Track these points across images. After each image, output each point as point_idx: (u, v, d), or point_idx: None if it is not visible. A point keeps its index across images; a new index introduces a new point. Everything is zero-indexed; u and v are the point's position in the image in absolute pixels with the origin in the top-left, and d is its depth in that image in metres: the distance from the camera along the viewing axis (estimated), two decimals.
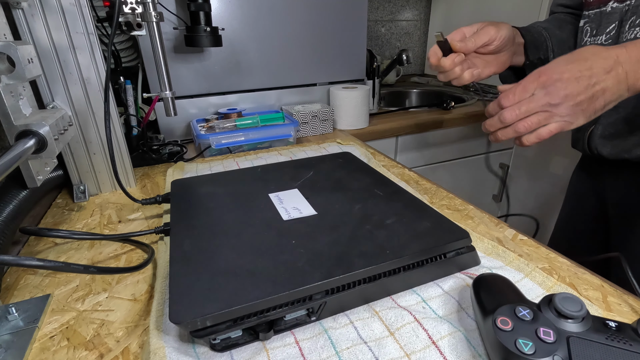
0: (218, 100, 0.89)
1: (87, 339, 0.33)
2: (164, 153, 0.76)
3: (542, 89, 0.44)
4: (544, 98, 0.44)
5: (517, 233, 0.46)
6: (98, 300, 0.38)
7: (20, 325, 0.34)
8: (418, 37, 1.70)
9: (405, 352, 0.29)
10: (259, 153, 0.75)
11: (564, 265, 0.40)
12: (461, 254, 0.38)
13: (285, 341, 0.31)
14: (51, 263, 0.32)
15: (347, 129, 0.96)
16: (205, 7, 0.75)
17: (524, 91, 0.45)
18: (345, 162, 0.59)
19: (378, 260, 0.34)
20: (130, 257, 0.45)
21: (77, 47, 0.53)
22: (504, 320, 0.27)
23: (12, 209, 0.46)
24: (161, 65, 0.58)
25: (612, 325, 0.26)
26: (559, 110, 0.43)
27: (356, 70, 1.03)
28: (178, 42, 0.81)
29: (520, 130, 0.46)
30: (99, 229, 0.51)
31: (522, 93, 0.46)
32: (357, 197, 0.46)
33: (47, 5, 0.49)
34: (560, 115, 0.44)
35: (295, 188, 0.49)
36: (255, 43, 0.88)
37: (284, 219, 0.42)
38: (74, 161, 0.58)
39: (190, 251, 0.36)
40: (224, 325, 0.29)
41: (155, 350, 0.30)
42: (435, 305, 0.34)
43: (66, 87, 0.54)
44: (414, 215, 0.42)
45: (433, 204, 0.54)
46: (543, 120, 0.45)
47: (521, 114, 0.46)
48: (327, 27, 0.94)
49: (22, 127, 0.42)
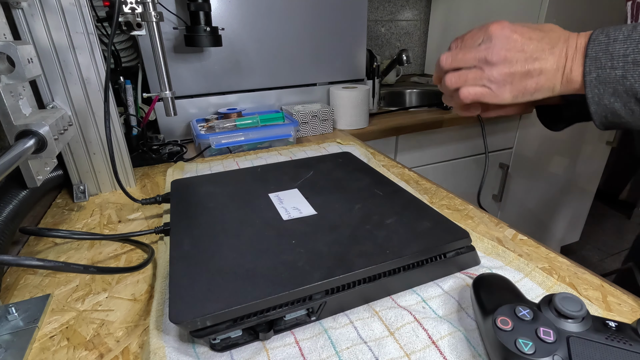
0: (218, 100, 0.89)
1: (87, 339, 0.33)
2: (163, 153, 0.76)
3: (487, 40, 0.42)
4: (483, 51, 0.41)
5: (517, 233, 0.46)
6: (98, 300, 0.38)
7: (20, 325, 0.34)
8: (418, 37, 1.70)
9: (405, 352, 0.29)
10: (259, 153, 0.75)
11: (564, 265, 0.40)
12: (461, 254, 0.38)
13: (285, 341, 0.31)
14: (51, 263, 0.32)
15: (347, 129, 0.96)
16: (205, 7, 0.75)
17: (472, 38, 0.43)
18: (345, 162, 0.59)
19: (378, 260, 0.34)
20: (130, 257, 0.45)
21: (77, 47, 0.53)
22: (504, 320, 0.27)
23: (12, 209, 0.46)
24: (161, 65, 0.58)
25: (612, 325, 0.26)
26: (490, 72, 0.41)
27: (356, 70, 1.03)
28: (178, 42, 0.81)
29: (450, 82, 0.44)
30: (99, 229, 0.51)
31: (469, 39, 0.43)
32: (357, 197, 0.46)
33: (47, 5, 0.49)
34: (489, 79, 0.41)
35: (295, 188, 0.49)
36: (255, 43, 0.88)
37: (284, 218, 0.42)
38: (73, 161, 0.58)
39: (190, 251, 0.36)
40: (224, 325, 0.29)
41: (155, 350, 0.30)
42: (435, 305, 0.34)
43: (66, 87, 0.54)
44: (414, 215, 0.42)
45: (433, 203, 0.54)
46: (471, 80, 0.42)
47: (455, 63, 0.44)
48: (327, 27, 0.94)
49: (22, 127, 0.42)
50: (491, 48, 0.41)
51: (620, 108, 0.38)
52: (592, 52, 0.39)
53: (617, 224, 2.12)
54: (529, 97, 0.41)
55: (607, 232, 2.06)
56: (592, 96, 0.39)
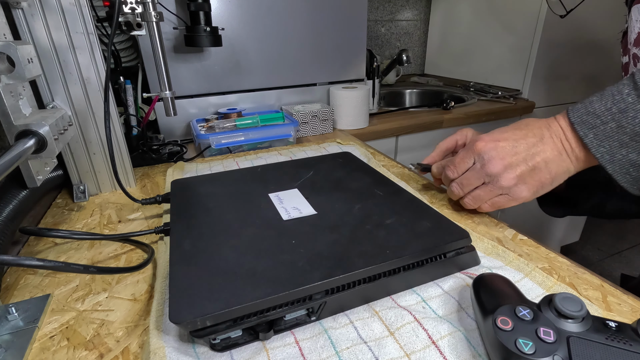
0: (218, 100, 0.89)
1: (87, 339, 0.33)
2: (163, 153, 0.76)
3: (480, 159, 0.43)
4: (482, 169, 0.43)
5: (517, 233, 0.46)
6: (98, 300, 0.38)
7: (20, 325, 0.34)
8: (418, 37, 1.70)
9: (405, 352, 0.29)
10: (259, 153, 0.75)
11: (564, 265, 0.40)
12: (461, 254, 0.38)
13: (285, 341, 0.31)
14: (51, 263, 0.32)
15: (347, 129, 0.96)
16: (205, 7, 0.75)
17: (462, 162, 0.45)
18: (345, 162, 0.59)
19: (378, 260, 0.34)
20: (130, 257, 0.45)
21: (77, 47, 0.53)
22: (504, 320, 0.27)
23: (12, 209, 0.46)
24: (161, 65, 0.58)
25: (612, 325, 0.26)
26: (500, 183, 0.42)
27: (356, 70, 1.03)
28: (178, 42, 0.81)
29: (469, 204, 0.46)
30: (99, 228, 0.51)
31: (461, 164, 0.45)
32: (357, 197, 0.46)
33: (47, 5, 0.49)
34: (501, 188, 0.42)
35: (295, 188, 0.49)
36: (255, 43, 0.88)
37: (284, 218, 0.42)
38: (73, 161, 0.58)
39: (190, 251, 0.36)
40: (224, 325, 0.29)
41: (155, 350, 0.29)
42: (435, 305, 0.34)
43: (66, 87, 0.54)
44: (414, 215, 0.42)
45: (433, 203, 0.54)
46: (487, 194, 0.44)
47: (465, 187, 0.45)
48: (327, 27, 0.94)
49: (22, 127, 0.42)
50: (488, 163, 0.42)
51: (637, 157, 0.37)
52: (576, 118, 0.39)
53: (617, 224, 2.12)
54: (550, 187, 0.42)
55: (607, 232, 2.06)
56: (602, 155, 0.38)
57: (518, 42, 1.28)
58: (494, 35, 1.37)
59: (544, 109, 1.32)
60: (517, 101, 1.25)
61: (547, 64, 1.27)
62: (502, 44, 1.34)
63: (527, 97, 1.29)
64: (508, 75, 1.34)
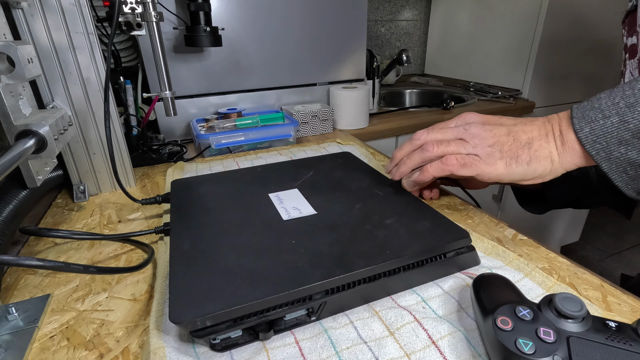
0: (218, 100, 0.89)
1: (87, 339, 0.33)
2: (163, 153, 0.76)
3: (463, 122, 0.42)
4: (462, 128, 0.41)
5: (517, 233, 0.46)
6: (98, 300, 0.38)
7: (20, 325, 0.34)
8: (418, 37, 1.70)
9: (405, 352, 0.29)
10: (259, 153, 0.75)
11: (564, 265, 0.40)
12: (461, 254, 0.38)
13: (285, 341, 0.31)
14: (51, 263, 0.32)
15: (347, 129, 0.96)
16: (205, 7, 0.75)
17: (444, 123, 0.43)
18: (345, 162, 0.59)
19: (378, 260, 0.34)
20: (130, 257, 0.45)
21: (77, 47, 0.52)
22: (504, 320, 0.27)
23: (12, 209, 0.46)
24: (161, 65, 0.58)
25: (612, 325, 0.26)
26: (474, 142, 0.40)
27: (356, 70, 1.03)
28: (178, 42, 0.81)
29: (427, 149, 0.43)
30: (99, 228, 0.51)
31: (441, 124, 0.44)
32: (357, 197, 0.46)
33: (47, 5, 0.49)
34: (474, 146, 0.40)
35: (295, 188, 0.49)
36: (255, 43, 0.88)
37: (284, 218, 0.42)
38: (73, 161, 0.58)
39: (190, 251, 0.36)
40: (224, 325, 0.29)
41: (155, 350, 0.30)
42: (435, 305, 0.34)
43: (66, 87, 0.54)
44: (414, 215, 0.42)
45: (433, 203, 0.54)
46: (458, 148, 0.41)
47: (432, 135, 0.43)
48: (327, 27, 0.94)
49: (22, 127, 0.42)
50: (470, 125, 0.41)
51: (638, 156, 0.34)
52: (577, 113, 0.36)
53: (617, 224, 2.12)
54: (525, 168, 0.38)
55: (607, 232, 2.06)
56: (597, 153, 0.35)
57: (518, 42, 1.28)
58: (494, 35, 1.37)
59: (544, 109, 1.32)
60: (517, 101, 1.25)
61: (547, 64, 1.27)
62: (502, 44, 1.34)
63: (527, 97, 1.29)
64: (508, 75, 1.34)
